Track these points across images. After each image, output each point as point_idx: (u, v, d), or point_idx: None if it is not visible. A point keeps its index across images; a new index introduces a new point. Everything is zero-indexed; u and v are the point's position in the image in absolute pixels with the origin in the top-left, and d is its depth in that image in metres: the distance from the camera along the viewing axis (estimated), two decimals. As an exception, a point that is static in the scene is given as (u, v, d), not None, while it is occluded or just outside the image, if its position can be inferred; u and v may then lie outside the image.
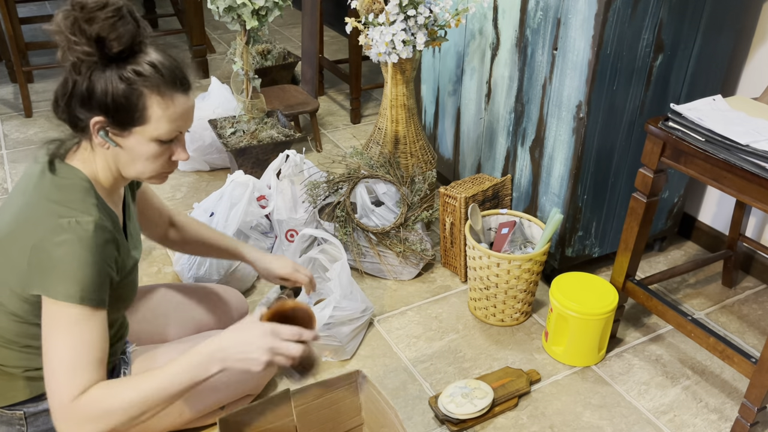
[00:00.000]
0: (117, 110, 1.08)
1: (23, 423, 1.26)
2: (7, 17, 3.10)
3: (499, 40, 2.01)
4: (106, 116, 1.09)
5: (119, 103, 1.07)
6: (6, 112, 3.28)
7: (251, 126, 2.43)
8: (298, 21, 4.84)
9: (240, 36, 2.34)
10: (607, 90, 1.75)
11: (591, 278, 1.76)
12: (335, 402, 1.47)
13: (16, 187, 1.21)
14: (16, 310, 1.15)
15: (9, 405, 1.24)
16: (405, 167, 2.14)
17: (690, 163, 1.46)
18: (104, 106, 1.08)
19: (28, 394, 1.24)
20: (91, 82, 1.07)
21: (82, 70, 1.07)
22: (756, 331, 1.90)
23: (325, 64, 3.35)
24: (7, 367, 1.22)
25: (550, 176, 1.95)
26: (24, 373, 1.22)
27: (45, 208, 1.10)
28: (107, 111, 1.08)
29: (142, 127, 1.11)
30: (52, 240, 1.07)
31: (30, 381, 1.23)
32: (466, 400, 1.56)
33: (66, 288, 1.06)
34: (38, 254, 1.07)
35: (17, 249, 1.10)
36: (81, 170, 1.16)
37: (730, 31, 1.87)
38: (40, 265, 1.07)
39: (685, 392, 1.69)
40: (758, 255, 2.09)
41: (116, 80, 1.07)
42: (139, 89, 1.08)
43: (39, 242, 1.07)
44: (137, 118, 1.10)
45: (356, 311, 1.75)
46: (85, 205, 1.12)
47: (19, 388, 1.23)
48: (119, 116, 1.09)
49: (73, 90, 1.09)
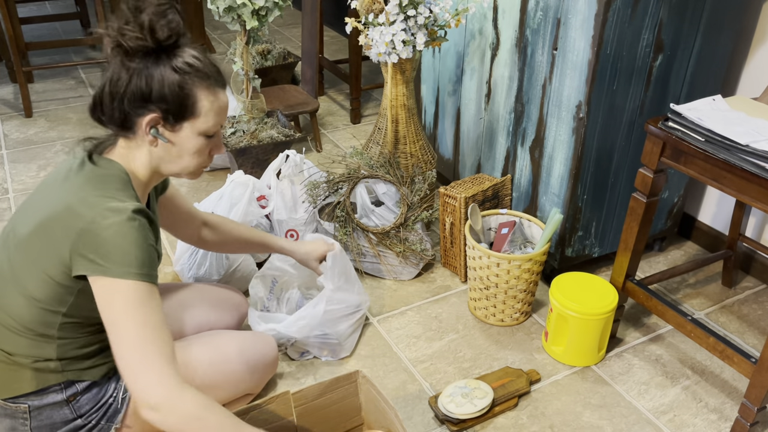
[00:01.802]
0: (172, 103, 1.13)
1: (27, 417, 1.26)
2: (7, 17, 3.10)
3: (499, 40, 2.01)
4: (161, 111, 1.13)
5: (175, 94, 1.12)
6: (6, 112, 3.28)
7: (251, 126, 2.43)
8: (298, 21, 4.84)
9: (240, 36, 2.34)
10: (607, 90, 1.75)
11: (591, 278, 1.76)
12: (335, 402, 1.47)
13: (50, 178, 1.25)
14: (41, 295, 1.17)
15: (13, 397, 1.24)
16: (405, 167, 2.14)
17: (690, 163, 1.46)
18: (159, 98, 1.12)
19: (34, 387, 1.24)
20: (146, 76, 1.11)
21: (135, 62, 1.10)
22: (756, 331, 1.90)
23: (325, 64, 3.35)
24: (17, 356, 1.22)
25: (550, 176, 1.95)
26: (33, 363, 1.23)
27: (90, 194, 1.14)
28: (163, 104, 1.12)
29: (193, 121, 1.16)
30: (101, 223, 1.10)
31: (37, 372, 1.23)
32: (466, 400, 1.56)
33: (127, 267, 1.09)
34: (89, 237, 1.10)
35: (60, 234, 1.12)
36: (120, 164, 1.20)
37: (730, 31, 1.87)
38: (92, 247, 1.10)
39: (685, 392, 1.69)
40: (758, 255, 2.09)
41: (170, 72, 1.11)
42: (191, 81, 1.13)
43: (87, 225, 1.10)
44: (190, 111, 1.15)
45: (351, 305, 1.74)
46: (127, 193, 1.17)
47: (25, 380, 1.23)
48: (174, 109, 1.13)
49: (128, 86, 1.11)
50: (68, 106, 3.37)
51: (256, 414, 1.40)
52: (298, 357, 1.77)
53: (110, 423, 1.30)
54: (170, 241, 2.26)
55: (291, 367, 1.74)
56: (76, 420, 1.28)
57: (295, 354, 1.76)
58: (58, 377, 1.25)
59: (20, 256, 1.18)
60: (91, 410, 1.29)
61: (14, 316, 1.20)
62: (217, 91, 1.17)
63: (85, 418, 1.29)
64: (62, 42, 3.47)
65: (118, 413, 1.30)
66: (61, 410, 1.27)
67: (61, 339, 1.22)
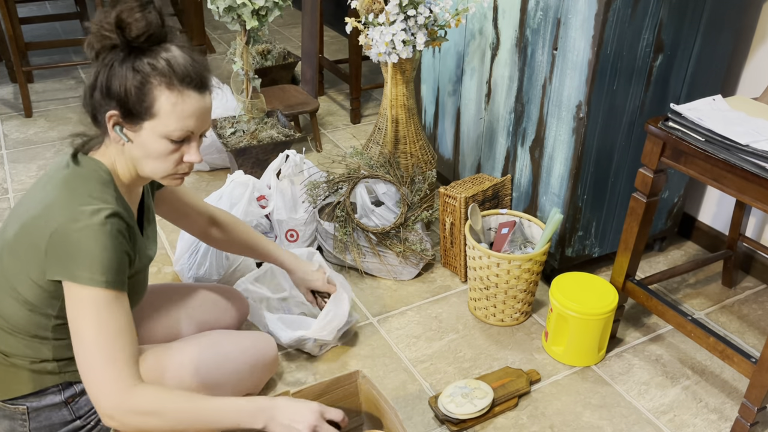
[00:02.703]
0: (128, 101, 1.11)
1: (25, 418, 1.26)
2: (7, 17, 3.10)
3: (499, 40, 2.01)
4: (119, 108, 1.12)
5: (130, 93, 1.10)
6: (6, 112, 3.28)
7: (251, 126, 2.43)
8: (298, 21, 4.84)
9: (240, 36, 2.34)
10: (607, 90, 1.75)
11: (591, 278, 1.76)
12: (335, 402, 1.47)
13: (42, 177, 1.24)
14: (31, 298, 1.17)
15: (12, 399, 1.24)
16: (405, 167, 2.14)
17: (690, 163, 1.46)
18: (117, 96, 1.11)
19: (32, 388, 1.24)
20: (110, 72, 1.10)
21: (106, 59, 1.11)
22: (756, 331, 1.90)
23: (325, 64, 3.35)
24: (14, 357, 1.22)
25: (550, 176, 1.95)
26: (30, 365, 1.23)
27: (65, 196, 1.13)
28: (120, 102, 1.11)
29: (152, 122, 1.13)
30: (72, 227, 1.09)
31: (34, 374, 1.23)
32: (466, 400, 1.56)
33: (90, 272, 1.08)
34: (58, 240, 1.09)
35: (38, 235, 1.12)
36: (103, 163, 1.19)
37: (730, 31, 1.87)
38: (60, 251, 1.09)
39: (685, 392, 1.69)
40: (758, 255, 2.09)
41: (130, 71, 1.10)
42: (149, 81, 1.10)
43: (59, 228, 1.10)
44: (146, 112, 1.12)
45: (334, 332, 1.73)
46: (104, 195, 1.15)
47: (23, 381, 1.23)
48: (130, 108, 1.11)
49: (95, 81, 1.12)
50: (68, 106, 3.36)
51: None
52: (318, 352, 1.79)
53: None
54: (170, 241, 2.25)
55: (291, 367, 1.74)
56: (75, 421, 1.29)
57: (316, 350, 1.78)
58: (56, 379, 1.25)
59: (9, 258, 1.18)
60: (90, 411, 1.29)
61: (7, 318, 1.20)
62: (185, 93, 1.12)
63: (84, 419, 1.29)
64: (62, 42, 3.47)
65: None
66: (60, 411, 1.27)
67: (56, 340, 1.22)
